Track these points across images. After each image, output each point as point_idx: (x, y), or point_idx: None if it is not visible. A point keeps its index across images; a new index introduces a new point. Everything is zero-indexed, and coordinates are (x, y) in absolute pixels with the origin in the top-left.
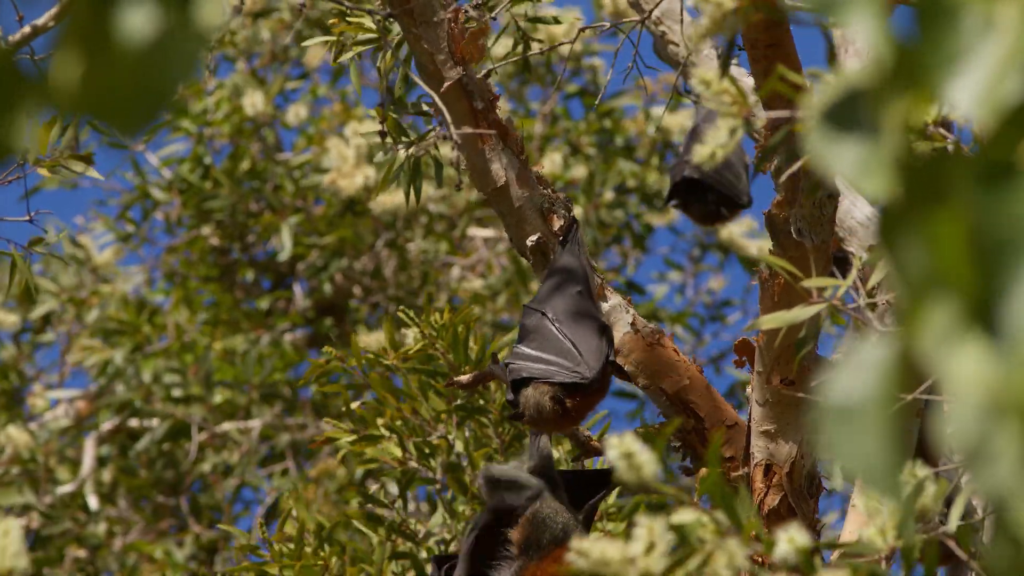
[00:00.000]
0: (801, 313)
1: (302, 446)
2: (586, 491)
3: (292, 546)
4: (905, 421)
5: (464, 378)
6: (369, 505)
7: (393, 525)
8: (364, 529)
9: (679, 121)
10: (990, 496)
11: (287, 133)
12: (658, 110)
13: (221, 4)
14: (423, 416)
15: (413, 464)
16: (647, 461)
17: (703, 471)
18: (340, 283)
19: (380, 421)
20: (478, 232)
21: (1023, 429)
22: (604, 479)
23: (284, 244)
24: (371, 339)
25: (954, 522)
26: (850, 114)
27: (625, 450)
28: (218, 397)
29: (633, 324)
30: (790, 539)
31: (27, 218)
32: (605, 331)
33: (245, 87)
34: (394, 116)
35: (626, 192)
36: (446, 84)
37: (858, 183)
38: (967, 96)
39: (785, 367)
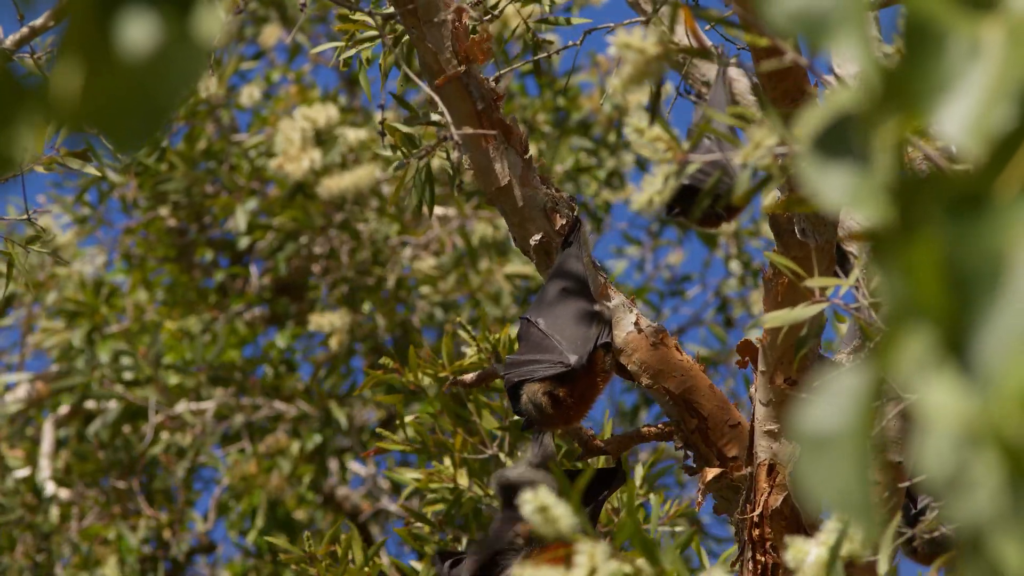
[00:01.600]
0: (803, 312)
1: (257, 426)
2: (592, 488)
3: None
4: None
5: (467, 377)
6: (417, 524)
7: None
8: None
9: (638, 99)
10: (968, 524)
11: (242, 114)
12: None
13: (220, 17)
14: (480, 433)
15: (464, 484)
16: (562, 514)
17: (705, 471)
18: (296, 263)
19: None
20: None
21: (1000, 459)
22: (610, 477)
23: (240, 226)
24: (324, 319)
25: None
26: (840, 140)
27: (539, 504)
28: (172, 379)
29: (636, 323)
30: None
31: (25, 216)
32: (596, 318)
33: None
34: (402, 131)
35: (581, 170)
36: (449, 85)
37: (850, 210)
38: (955, 125)
39: (788, 367)
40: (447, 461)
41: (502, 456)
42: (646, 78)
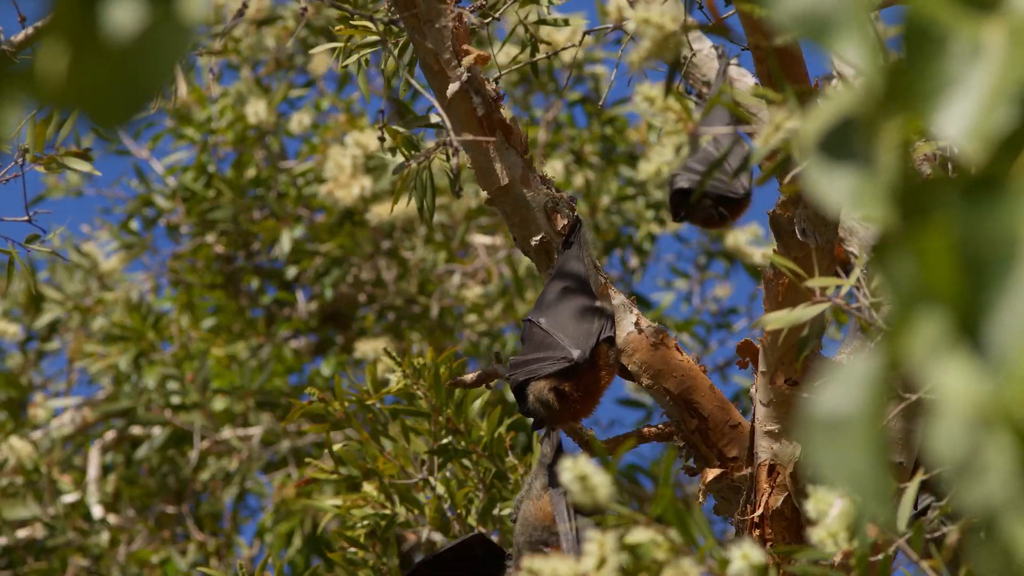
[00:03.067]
0: (805, 313)
1: (303, 452)
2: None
3: None
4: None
5: (468, 377)
6: (351, 549)
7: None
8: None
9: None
10: (979, 508)
11: (291, 141)
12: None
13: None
14: (405, 458)
15: (394, 509)
16: (601, 483)
17: (706, 472)
18: (344, 291)
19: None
20: (479, 239)
21: (1012, 443)
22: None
23: (284, 250)
24: (368, 346)
25: (903, 523)
26: (843, 142)
27: (579, 472)
28: (218, 404)
29: (637, 324)
30: (744, 555)
31: (26, 218)
32: (599, 313)
33: (249, 95)
34: (401, 131)
35: (627, 199)
36: (451, 86)
37: (854, 211)
38: (956, 126)
39: (789, 367)
40: (367, 487)
41: (431, 479)
42: (664, 53)
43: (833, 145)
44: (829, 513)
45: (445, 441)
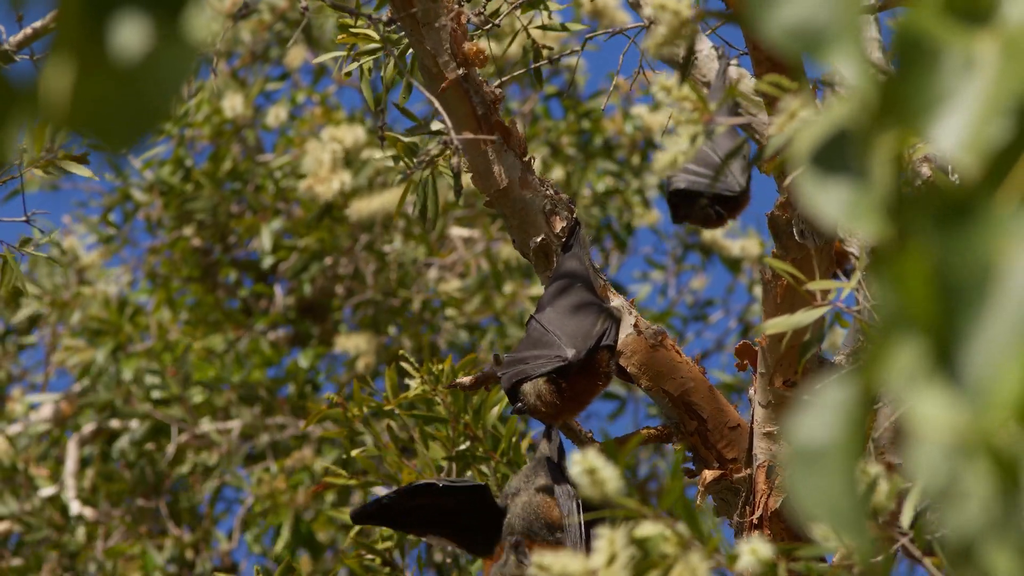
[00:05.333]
0: (805, 317)
1: (282, 446)
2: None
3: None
4: None
5: (466, 379)
6: (368, 555)
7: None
8: None
9: (660, 120)
10: (959, 534)
11: (268, 134)
12: (637, 109)
13: (210, 17)
14: (423, 464)
15: None
16: (610, 477)
17: (705, 473)
18: (321, 284)
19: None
20: (456, 231)
21: (990, 469)
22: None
23: (264, 247)
24: (350, 342)
25: (907, 521)
26: (838, 155)
27: (588, 466)
28: (197, 397)
29: (636, 326)
30: (752, 550)
31: (24, 219)
32: (604, 315)
33: (225, 89)
34: (404, 141)
35: (607, 193)
36: (446, 82)
37: (848, 225)
38: (951, 140)
39: (788, 369)
40: None
41: None
42: (679, 39)
43: (827, 157)
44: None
45: (463, 448)
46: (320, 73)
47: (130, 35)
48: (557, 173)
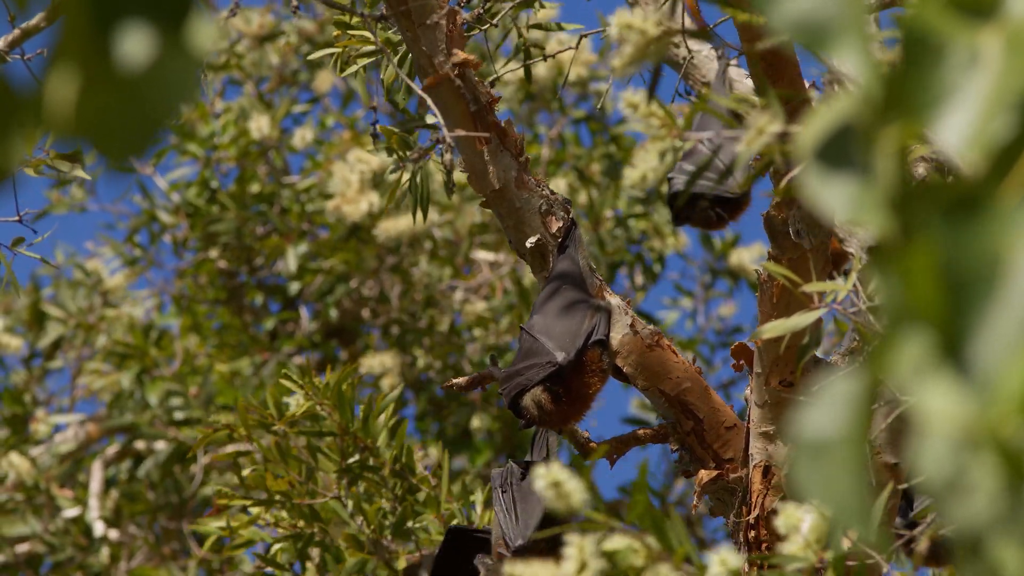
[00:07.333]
0: (801, 320)
1: None
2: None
3: None
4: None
5: (461, 380)
6: (268, 569)
7: None
8: None
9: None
10: (966, 528)
11: (295, 156)
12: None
13: (215, 28)
14: (314, 478)
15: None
16: (575, 489)
17: (701, 473)
18: (347, 306)
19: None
20: (482, 255)
21: (997, 463)
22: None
23: (290, 268)
24: (375, 360)
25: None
26: (841, 150)
27: (552, 479)
28: (223, 420)
29: (632, 326)
30: (722, 560)
31: (16, 218)
32: (591, 311)
33: (251, 110)
34: (397, 133)
35: (636, 217)
36: (433, 77)
37: (852, 220)
38: (956, 135)
39: (784, 368)
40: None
41: (342, 497)
42: (646, 58)
43: (831, 152)
44: (800, 528)
45: (353, 460)
46: (349, 97)
47: (135, 45)
48: (582, 197)
